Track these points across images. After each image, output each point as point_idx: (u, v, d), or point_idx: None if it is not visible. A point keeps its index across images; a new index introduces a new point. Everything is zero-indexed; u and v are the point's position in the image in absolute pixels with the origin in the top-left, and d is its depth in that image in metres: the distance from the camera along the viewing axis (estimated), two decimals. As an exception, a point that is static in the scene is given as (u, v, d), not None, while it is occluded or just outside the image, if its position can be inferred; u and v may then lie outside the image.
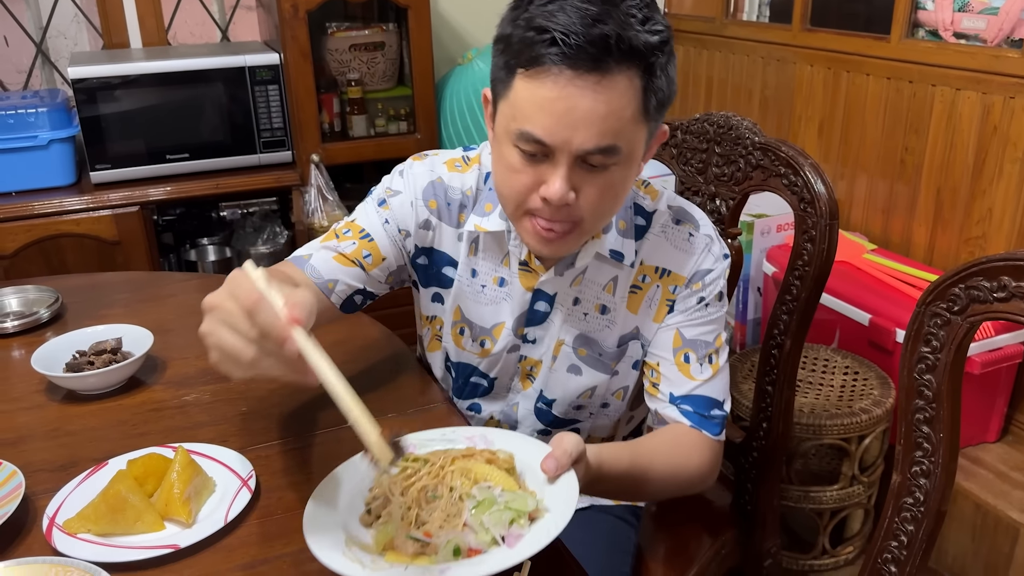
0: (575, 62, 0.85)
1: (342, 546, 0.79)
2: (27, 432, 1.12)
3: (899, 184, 2.07)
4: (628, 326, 1.12)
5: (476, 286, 1.14)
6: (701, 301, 1.10)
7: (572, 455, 0.86)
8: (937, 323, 0.94)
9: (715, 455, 1.11)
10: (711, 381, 1.10)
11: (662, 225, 1.10)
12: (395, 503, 0.83)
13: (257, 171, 2.49)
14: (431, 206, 1.12)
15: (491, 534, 0.78)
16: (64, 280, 1.62)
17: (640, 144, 0.95)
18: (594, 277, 1.10)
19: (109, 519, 0.89)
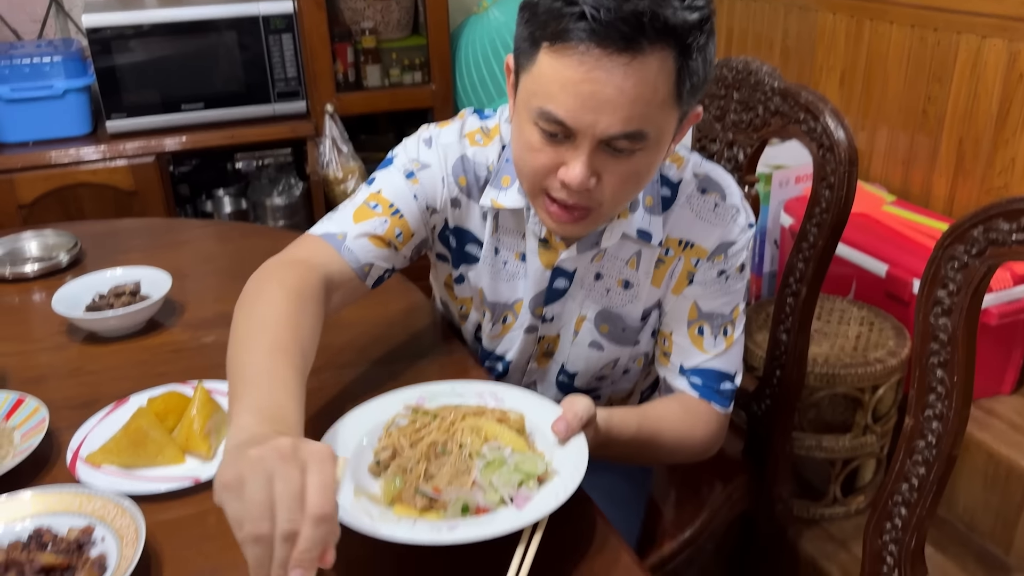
0: (604, 40, 0.79)
1: (351, 496, 0.78)
2: (49, 371, 1.14)
3: (920, 135, 2.04)
4: (651, 299, 1.10)
5: (499, 263, 1.10)
6: (722, 274, 1.06)
7: (583, 418, 0.86)
8: (955, 266, 0.93)
9: (721, 428, 1.11)
10: (724, 354, 1.08)
11: (687, 196, 1.05)
12: (404, 456, 0.84)
13: (271, 122, 2.48)
14: (461, 183, 1.06)
15: (499, 494, 0.78)
16: (83, 226, 1.63)
17: (670, 129, 0.89)
18: (616, 253, 1.06)
19: (131, 452, 0.92)
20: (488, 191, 1.05)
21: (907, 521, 1.03)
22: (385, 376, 1.10)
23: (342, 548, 0.79)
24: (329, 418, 0.91)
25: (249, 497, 0.63)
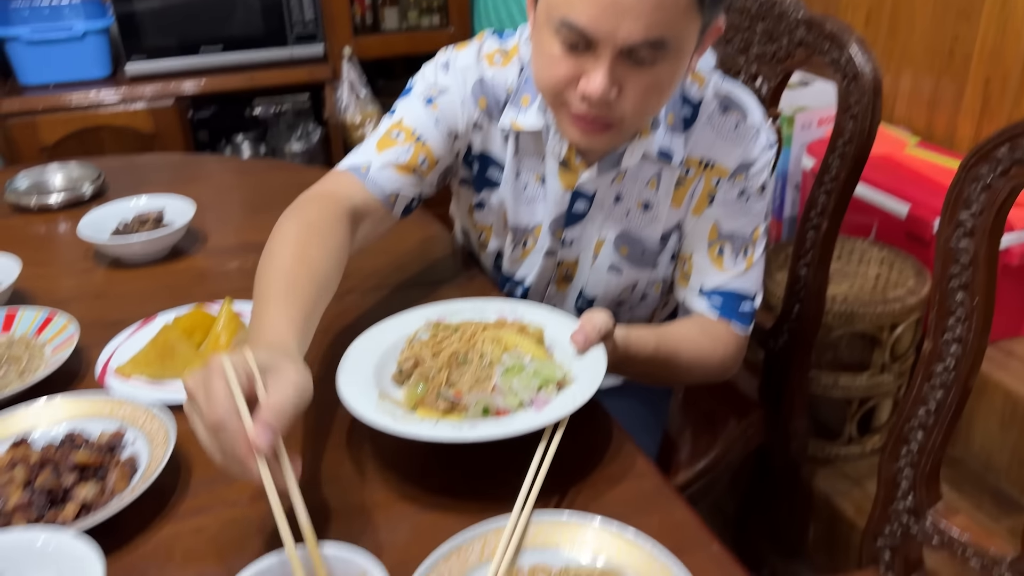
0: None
1: (375, 400, 0.81)
2: (77, 294, 1.16)
3: (946, 76, 2.01)
4: (671, 221, 1.09)
5: (520, 186, 1.10)
6: (743, 194, 1.05)
7: (601, 331, 0.86)
8: (978, 187, 0.93)
9: (739, 349, 1.11)
10: (744, 275, 1.08)
11: (709, 115, 1.04)
12: (426, 365, 0.86)
13: (289, 65, 2.47)
14: (481, 105, 1.06)
15: (519, 398, 0.81)
16: (106, 160, 1.65)
17: (692, 39, 0.88)
18: (636, 173, 1.05)
19: (159, 365, 0.93)
20: (507, 112, 1.04)
21: (923, 445, 1.04)
22: (406, 301, 1.11)
23: (368, 449, 0.81)
24: (359, 332, 0.93)
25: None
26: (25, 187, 1.46)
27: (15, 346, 0.97)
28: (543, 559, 0.68)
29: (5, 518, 0.73)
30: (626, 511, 0.75)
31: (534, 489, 0.73)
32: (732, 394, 1.52)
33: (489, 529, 0.69)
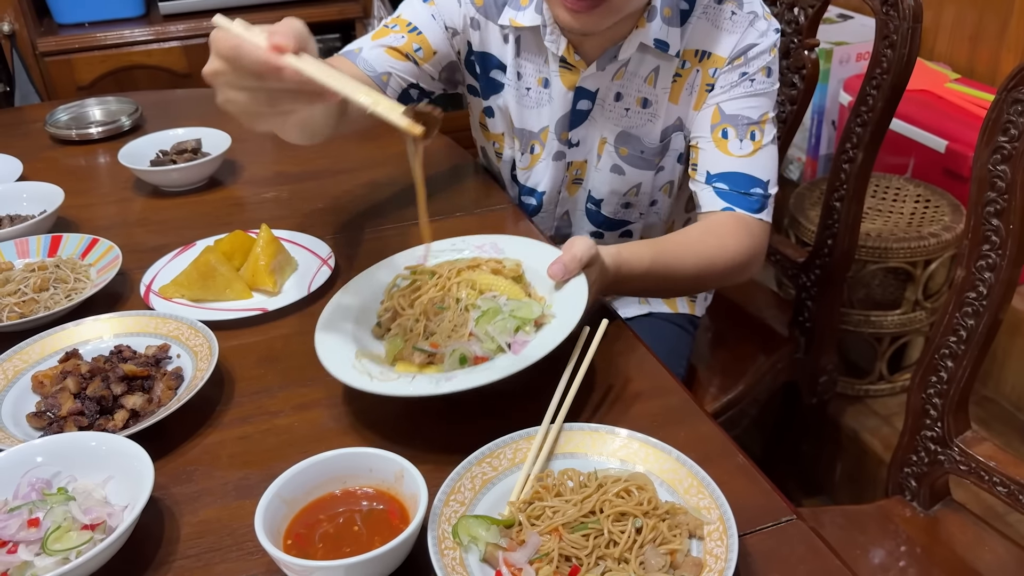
0: None
1: (352, 359, 0.79)
2: (118, 221, 1.19)
3: (989, 10, 1.95)
4: (671, 118, 1.09)
5: (522, 89, 1.11)
6: (744, 76, 1.04)
7: (581, 259, 0.84)
8: (1018, 110, 0.91)
9: (754, 236, 1.04)
10: (751, 158, 1.04)
11: (704, 6, 1.04)
12: (405, 315, 0.84)
13: (320, 2, 2.47)
14: (477, 3, 1.08)
15: (496, 342, 0.79)
16: (142, 95, 1.67)
17: None
18: (635, 69, 1.06)
19: (200, 286, 0.96)
20: (506, 11, 1.06)
21: (952, 375, 1.04)
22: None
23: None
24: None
25: None
26: (65, 120, 1.48)
27: (62, 268, 1.00)
28: (573, 464, 0.70)
29: (59, 425, 0.77)
30: (653, 424, 0.76)
31: (565, 402, 0.75)
32: (761, 328, 1.52)
33: (520, 436, 0.71)
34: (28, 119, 1.56)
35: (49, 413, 0.78)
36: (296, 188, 1.26)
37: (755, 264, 1.07)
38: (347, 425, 0.79)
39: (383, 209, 1.19)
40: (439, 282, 0.87)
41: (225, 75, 0.70)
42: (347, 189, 1.25)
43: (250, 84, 0.69)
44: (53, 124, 1.45)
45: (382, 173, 1.30)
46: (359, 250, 1.08)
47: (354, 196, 1.23)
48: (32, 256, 1.04)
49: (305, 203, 1.22)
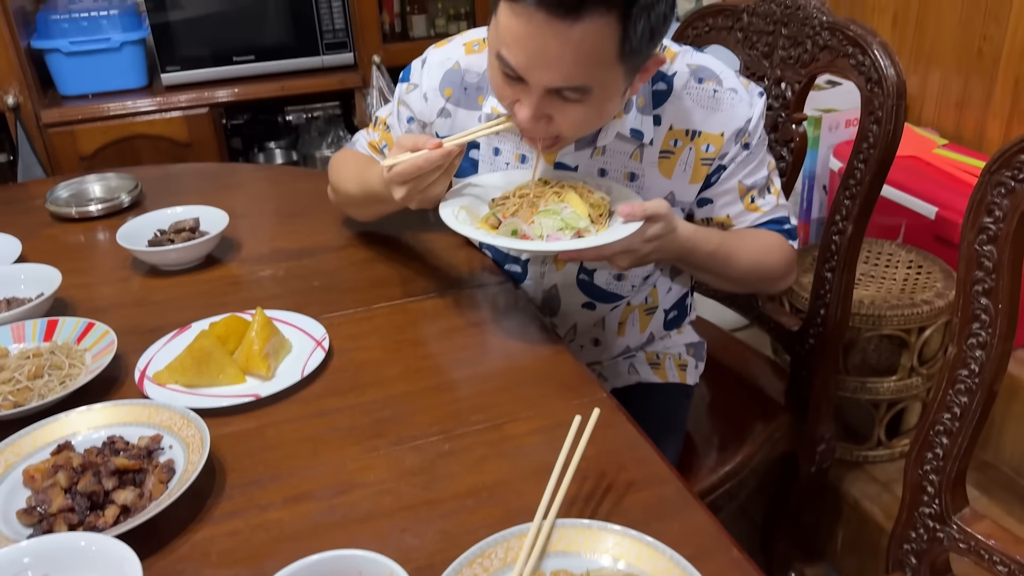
0: (550, 4, 0.85)
1: (456, 209, 1.04)
2: (115, 301, 1.20)
3: (974, 77, 2.00)
4: (662, 191, 1.14)
5: (500, 164, 1.17)
6: (747, 147, 1.13)
7: (647, 211, 0.98)
8: (1001, 192, 0.93)
9: (791, 258, 1.21)
10: (776, 206, 1.19)
11: (684, 86, 1.10)
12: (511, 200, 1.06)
13: (320, 73, 2.51)
14: (446, 94, 1.16)
15: (541, 231, 0.99)
16: (142, 171, 1.69)
17: (617, 81, 0.94)
18: (618, 149, 1.12)
19: (195, 371, 0.97)
20: (489, 99, 1.13)
21: (948, 451, 1.04)
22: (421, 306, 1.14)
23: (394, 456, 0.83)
24: (389, 339, 0.95)
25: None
26: (65, 197, 1.50)
27: (57, 353, 1.00)
28: (565, 564, 0.70)
29: (48, 522, 0.77)
30: (647, 517, 0.76)
31: (557, 496, 0.75)
32: (758, 396, 1.52)
33: (512, 534, 0.70)
34: (29, 195, 1.58)
35: (39, 509, 0.78)
36: (292, 265, 1.27)
37: (790, 279, 1.24)
38: (339, 518, 0.79)
39: (378, 286, 1.20)
40: (543, 190, 1.06)
41: (414, 190, 1.00)
42: (342, 266, 1.27)
43: (433, 177, 0.99)
44: (53, 202, 1.47)
45: (378, 249, 1.31)
46: (354, 330, 1.09)
47: (349, 273, 1.24)
48: (28, 341, 1.05)
49: (301, 281, 1.23)
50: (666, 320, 1.35)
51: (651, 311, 1.31)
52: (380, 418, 0.91)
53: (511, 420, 0.90)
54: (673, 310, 1.36)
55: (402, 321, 1.11)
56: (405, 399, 0.95)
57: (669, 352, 1.38)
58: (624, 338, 1.32)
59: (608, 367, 1.35)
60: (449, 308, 1.14)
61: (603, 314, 1.28)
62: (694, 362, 1.40)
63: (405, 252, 1.30)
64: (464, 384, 0.98)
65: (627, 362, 1.36)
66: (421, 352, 1.04)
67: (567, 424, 0.81)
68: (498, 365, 1.01)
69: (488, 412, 0.92)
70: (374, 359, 1.02)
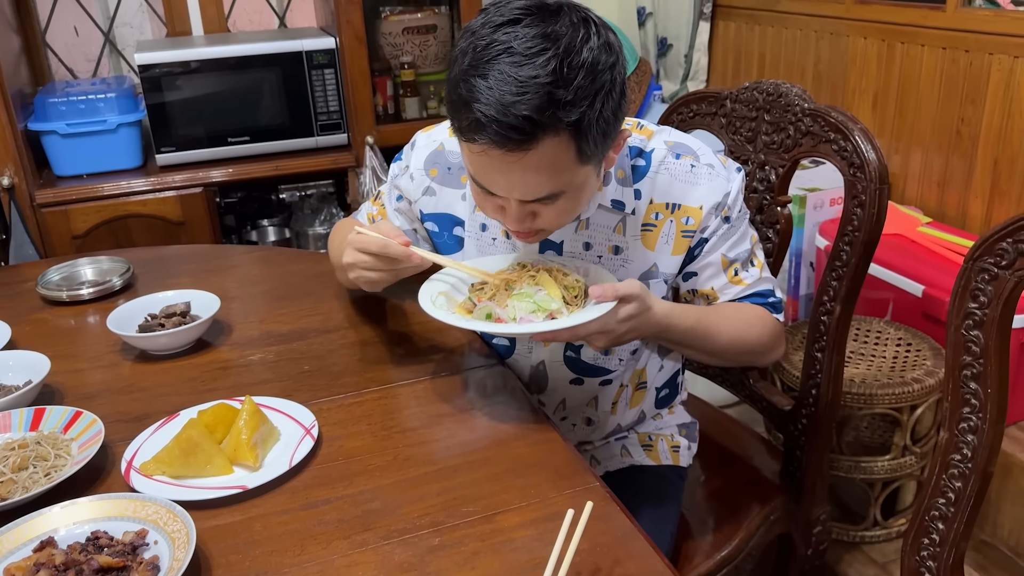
0: (501, 142, 0.90)
1: (434, 294, 1.08)
2: (104, 388, 1.19)
3: (955, 156, 2.04)
4: (646, 263, 1.18)
5: (487, 239, 1.20)
6: (728, 221, 1.16)
7: (619, 292, 1.00)
8: (985, 278, 0.94)
9: (777, 331, 1.21)
10: (760, 279, 1.21)
11: (662, 162, 1.15)
12: (489, 286, 1.09)
13: (314, 153, 2.55)
14: (432, 174, 1.22)
15: (515, 315, 1.02)
16: (134, 253, 1.70)
17: (588, 176, 0.99)
18: (601, 222, 1.15)
19: (182, 462, 0.95)
20: None
21: (944, 536, 1.02)
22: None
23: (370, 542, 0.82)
24: (378, 425, 0.93)
25: None
26: (56, 280, 1.51)
27: (43, 444, 0.99)
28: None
29: (29, 622, 0.75)
30: (641, 613, 0.75)
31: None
32: (753, 477, 1.50)
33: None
34: (21, 278, 1.58)
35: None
36: (283, 349, 1.27)
37: (777, 352, 1.24)
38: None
39: (369, 369, 1.20)
40: (521, 273, 1.10)
41: (363, 264, 1.06)
42: (332, 349, 1.27)
43: (387, 268, 1.05)
44: (44, 285, 1.48)
45: (369, 330, 1.32)
46: (344, 416, 1.08)
47: (340, 356, 1.24)
48: (14, 431, 1.03)
49: (291, 365, 1.22)
50: (658, 398, 1.35)
51: (641, 387, 1.32)
52: (369, 510, 0.90)
53: (503, 511, 0.89)
54: (665, 388, 1.36)
55: (393, 406, 1.10)
56: (395, 489, 0.94)
57: (662, 433, 1.38)
58: (616, 416, 1.31)
59: (600, 449, 1.34)
60: (440, 392, 1.14)
61: (594, 392, 1.28)
62: (687, 443, 1.40)
63: (396, 333, 1.31)
64: (455, 472, 0.97)
65: (619, 444, 1.35)
66: (411, 439, 1.03)
67: (560, 515, 0.80)
68: (489, 452, 1.00)
69: (479, 503, 0.91)
70: (363, 446, 1.02)
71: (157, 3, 2.73)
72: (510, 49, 0.89)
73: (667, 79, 3.08)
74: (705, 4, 2.87)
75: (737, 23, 2.81)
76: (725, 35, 2.88)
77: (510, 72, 0.88)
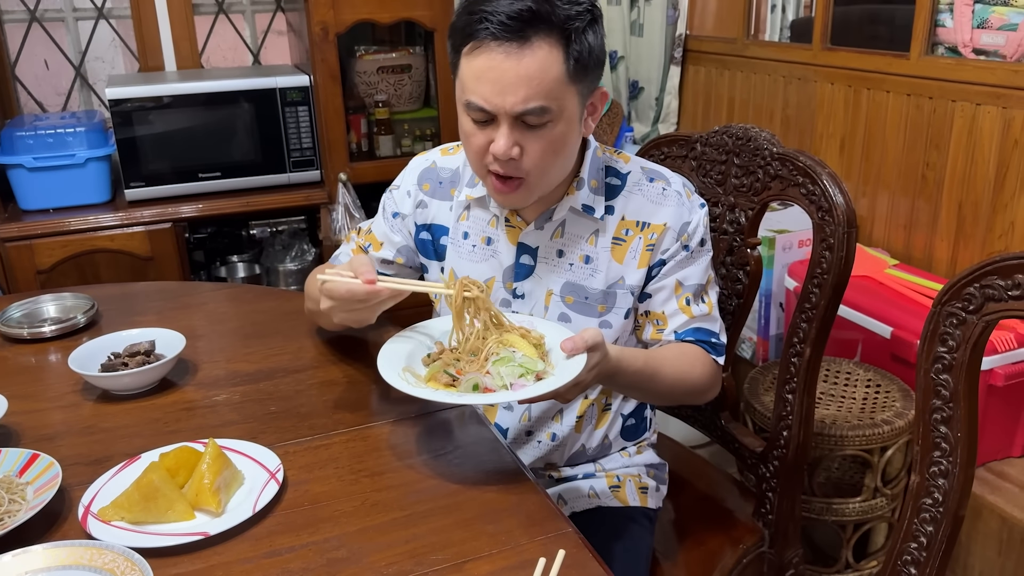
0: (499, 35, 1.02)
1: (399, 371, 1.04)
2: (63, 429, 1.16)
3: (920, 200, 2.08)
4: (614, 275, 1.24)
5: (467, 247, 1.29)
6: (686, 249, 1.23)
7: (587, 341, 1.02)
8: (953, 322, 0.95)
9: (716, 373, 1.26)
10: (707, 317, 1.25)
11: (636, 183, 1.24)
12: (447, 355, 1.08)
13: (286, 190, 2.54)
14: (424, 188, 1.32)
15: (503, 381, 1.01)
16: (99, 289, 1.67)
17: (573, 104, 1.09)
18: (575, 231, 1.23)
19: (142, 507, 0.92)
20: (463, 189, 1.28)
21: (917, 581, 1.02)
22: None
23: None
24: (345, 469, 0.91)
25: None
26: (18, 317, 1.47)
27: (-3, 488, 0.96)
28: None
29: None
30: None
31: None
32: (725, 518, 1.49)
33: None
34: (-19, 315, 1.54)
35: (-36, 667, 0.72)
36: (249, 389, 1.25)
37: (713, 391, 1.29)
38: (288, 671, 0.74)
39: (337, 411, 1.18)
40: (482, 335, 1.09)
41: (339, 308, 1.08)
42: (300, 389, 1.24)
43: (359, 307, 1.07)
44: (5, 322, 1.44)
45: (338, 370, 1.30)
46: (310, 459, 1.06)
47: (308, 397, 1.22)
48: (-33, 474, 1.00)
49: (257, 406, 1.20)
50: (624, 426, 1.35)
51: (607, 408, 1.32)
52: (335, 559, 0.88)
53: (473, 559, 0.87)
54: (631, 418, 1.36)
55: (361, 449, 1.08)
56: (361, 536, 0.91)
57: (629, 473, 1.36)
58: (581, 437, 1.31)
59: (568, 489, 1.33)
60: (410, 433, 1.12)
61: (559, 405, 1.27)
62: (655, 484, 1.39)
63: (366, 373, 1.29)
64: (424, 518, 0.95)
65: (586, 483, 1.34)
66: (380, 483, 1.01)
67: (532, 563, 0.78)
68: (460, 497, 0.99)
69: (449, 550, 0.89)
70: (330, 491, 0.99)
71: (130, 38, 2.73)
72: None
73: (638, 121, 3.12)
74: (675, 49, 2.92)
75: (707, 67, 2.86)
76: (695, 79, 2.93)
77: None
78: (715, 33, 2.91)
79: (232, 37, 2.85)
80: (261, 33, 2.88)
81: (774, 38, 2.73)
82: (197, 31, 2.77)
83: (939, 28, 2.03)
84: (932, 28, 2.03)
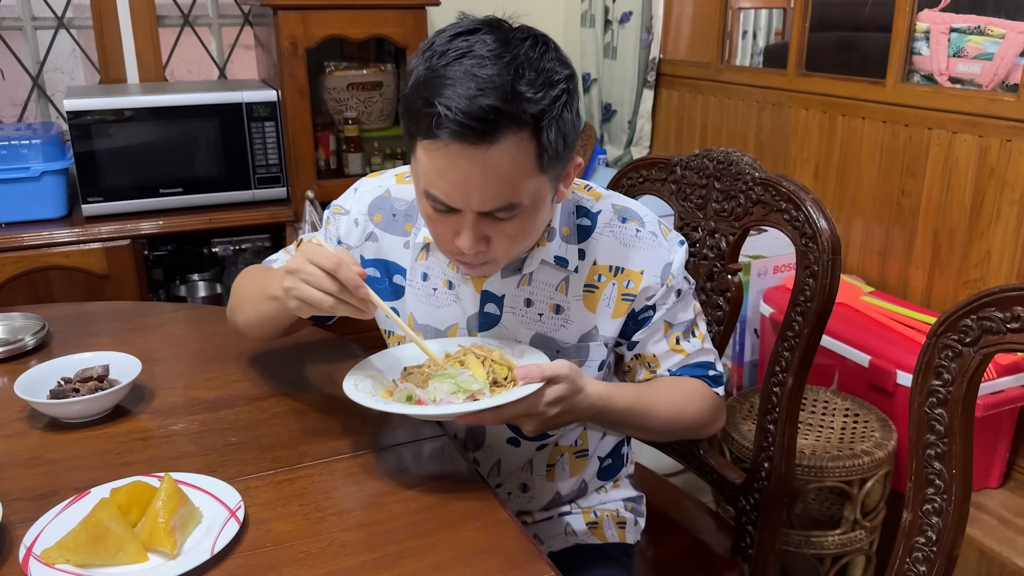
0: (462, 135, 0.89)
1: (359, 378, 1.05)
2: (6, 460, 1.08)
3: (896, 227, 2.08)
4: (587, 325, 1.15)
5: (428, 289, 1.17)
6: (671, 289, 1.15)
7: (546, 373, 0.98)
8: (948, 355, 0.92)
9: (715, 405, 1.20)
10: (701, 350, 1.20)
11: (607, 224, 1.14)
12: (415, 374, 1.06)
13: (251, 207, 2.47)
14: (376, 220, 1.18)
15: (435, 396, 1.00)
16: (51, 309, 1.59)
17: (544, 191, 0.98)
18: (544, 279, 1.13)
19: (90, 549, 0.85)
20: (422, 229, 1.14)
21: (910, 624, 0.98)
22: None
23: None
24: (310, 505, 0.85)
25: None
26: (-38, 338, 1.39)
27: (-71, 527, 0.88)
28: None
29: None
30: None
31: None
32: (705, 553, 1.45)
33: None
34: (-79, 335, 1.45)
35: None
36: (208, 418, 1.18)
37: (716, 425, 1.23)
38: None
39: (303, 442, 1.12)
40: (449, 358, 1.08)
41: (312, 277, 0.97)
42: (263, 419, 1.18)
43: (331, 289, 0.96)
44: (-52, 343, 1.36)
45: (302, 400, 1.23)
46: (273, 495, 1.00)
47: (271, 427, 1.15)
48: None
49: (217, 436, 1.13)
50: (601, 468, 1.30)
51: (582, 454, 1.26)
52: (300, 605, 0.81)
53: (448, 605, 0.82)
54: (608, 458, 1.31)
55: (328, 484, 1.02)
56: (329, 581, 0.85)
57: (606, 508, 1.31)
58: (554, 483, 1.25)
59: (543, 526, 1.27)
60: (381, 467, 1.06)
61: (529, 455, 1.22)
62: (633, 518, 1.34)
63: (333, 402, 1.22)
64: (396, 561, 0.89)
65: (562, 520, 1.28)
66: (348, 522, 0.95)
67: None
68: (435, 537, 0.93)
69: (423, 596, 0.83)
70: (295, 530, 0.93)
71: (91, 49, 2.65)
72: (471, 52, 0.90)
73: (611, 144, 3.10)
74: (649, 72, 2.92)
75: (680, 91, 2.85)
76: (668, 103, 2.92)
77: (472, 71, 0.89)
78: (688, 57, 2.91)
79: (198, 50, 2.78)
80: (228, 47, 2.82)
81: (745, 63, 2.74)
82: (162, 43, 2.70)
83: (915, 56, 2.04)
84: (908, 56, 2.04)
